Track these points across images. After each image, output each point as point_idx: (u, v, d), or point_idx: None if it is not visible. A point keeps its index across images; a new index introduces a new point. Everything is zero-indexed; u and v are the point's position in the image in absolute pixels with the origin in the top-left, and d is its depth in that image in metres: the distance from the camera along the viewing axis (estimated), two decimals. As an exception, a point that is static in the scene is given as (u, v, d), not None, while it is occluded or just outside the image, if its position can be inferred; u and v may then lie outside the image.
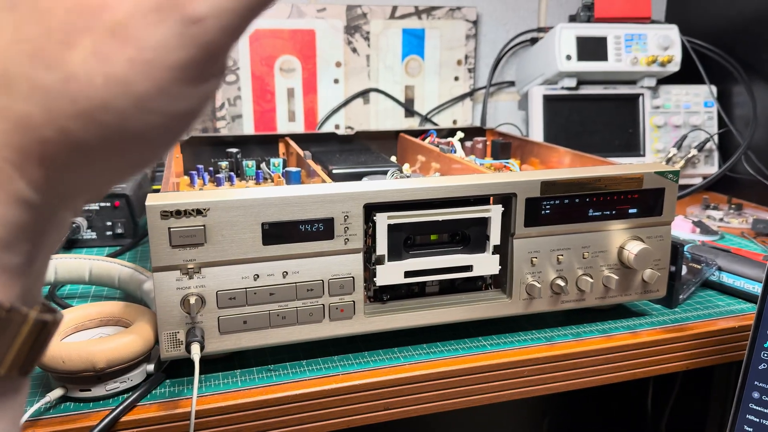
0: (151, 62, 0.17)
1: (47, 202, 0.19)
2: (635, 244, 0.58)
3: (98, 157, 0.19)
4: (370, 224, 0.53)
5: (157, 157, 0.20)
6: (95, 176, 0.20)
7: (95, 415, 0.47)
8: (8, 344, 0.19)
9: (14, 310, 0.19)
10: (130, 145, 0.19)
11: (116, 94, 0.17)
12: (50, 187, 0.19)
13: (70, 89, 0.17)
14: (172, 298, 0.48)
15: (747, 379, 0.55)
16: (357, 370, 0.53)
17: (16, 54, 0.17)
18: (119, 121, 0.18)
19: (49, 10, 0.17)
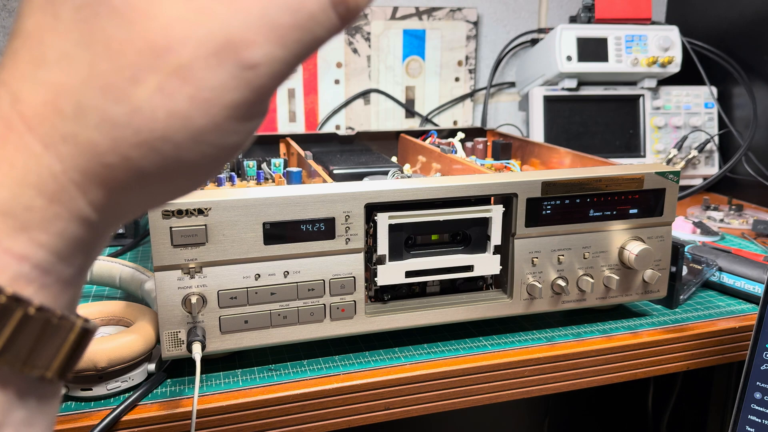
0: (209, 101, 0.19)
1: (103, 220, 0.21)
2: (636, 245, 0.58)
3: (153, 182, 0.21)
4: (371, 224, 0.53)
5: (201, 183, 0.22)
6: (147, 199, 0.22)
7: (96, 415, 0.47)
8: (57, 350, 0.21)
9: (65, 318, 0.21)
10: (182, 173, 0.21)
11: (176, 127, 0.19)
12: (107, 208, 0.21)
13: (135, 121, 0.19)
14: (173, 298, 0.49)
15: (749, 379, 0.55)
16: (358, 369, 0.53)
17: (89, 88, 0.19)
18: (176, 151, 0.20)
19: (121, 50, 0.19)
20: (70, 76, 0.19)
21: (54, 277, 0.20)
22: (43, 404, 0.22)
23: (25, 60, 0.19)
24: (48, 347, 0.21)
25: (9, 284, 0.19)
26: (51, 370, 0.21)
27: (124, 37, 0.19)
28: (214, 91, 0.19)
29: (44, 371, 0.21)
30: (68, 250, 0.20)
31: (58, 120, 0.19)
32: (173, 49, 0.19)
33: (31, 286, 0.20)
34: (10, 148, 0.19)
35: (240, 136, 0.21)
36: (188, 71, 0.19)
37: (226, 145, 0.21)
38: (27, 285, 0.20)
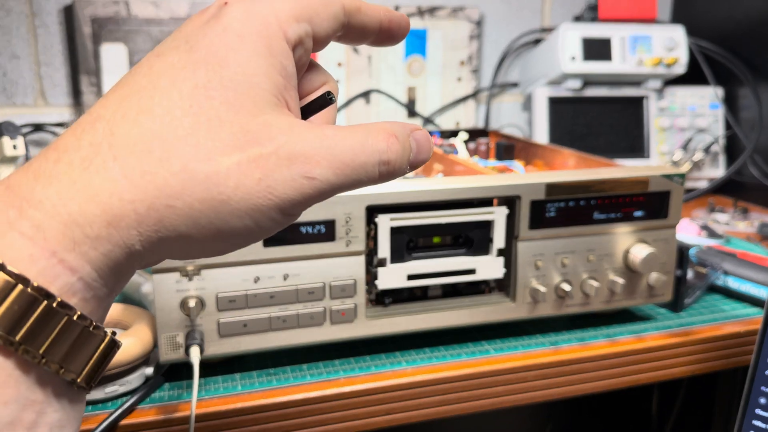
0: (270, 188, 0.23)
1: (141, 255, 0.23)
2: (641, 248, 0.57)
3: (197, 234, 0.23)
4: (372, 226, 0.52)
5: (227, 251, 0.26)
6: (184, 250, 0.24)
7: (94, 419, 0.46)
8: (89, 357, 0.23)
9: (99, 329, 0.23)
10: (221, 237, 0.24)
11: (237, 198, 0.23)
12: (151, 245, 0.23)
13: (209, 180, 0.23)
14: (171, 301, 0.48)
15: (754, 384, 0.55)
16: (358, 374, 0.53)
17: (182, 143, 0.23)
18: (229, 216, 0.23)
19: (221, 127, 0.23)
20: (168, 130, 0.23)
21: (93, 293, 0.23)
22: (74, 410, 0.24)
23: (131, 106, 0.23)
24: (82, 354, 0.23)
25: (59, 293, 0.22)
26: (82, 376, 0.23)
27: (227, 119, 0.23)
28: (276, 183, 0.23)
29: (76, 376, 0.23)
30: (108, 271, 0.23)
31: (145, 158, 0.22)
32: (262, 143, 0.23)
33: (76, 297, 0.22)
34: (92, 169, 0.22)
35: (276, 224, 0.25)
36: (265, 162, 0.23)
37: (264, 227, 0.24)
38: (72, 295, 0.22)
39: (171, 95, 0.23)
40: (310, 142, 0.24)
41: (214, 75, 0.23)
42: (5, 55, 0.94)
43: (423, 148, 0.27)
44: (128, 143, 0.22)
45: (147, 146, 0.22)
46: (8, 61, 0.94)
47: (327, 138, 0.24)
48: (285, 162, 0.23)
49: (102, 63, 0.94)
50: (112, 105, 0.23)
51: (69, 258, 0.22)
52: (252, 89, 0.24)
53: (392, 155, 0.26)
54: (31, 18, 0.94)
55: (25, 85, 0.96)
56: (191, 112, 0.23)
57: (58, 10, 0.95)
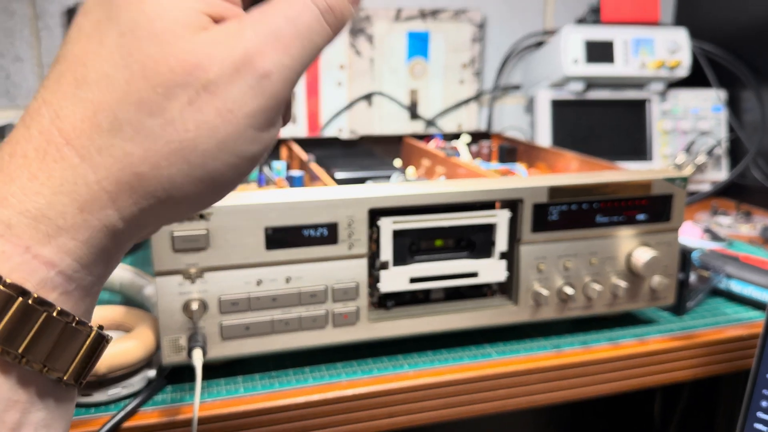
0: (232, 111, 0.22)
1: (127, 231, 0.22)
2: (643, 251, 0.57)
3: (179, 193, 0.22)
4: (374, 229, 0.52)
5: (221, 196, 0.24)
6: (171, 212, 0.23)
7: (96, 421, 0.47)
8: (74, 354, 0.22)
9: (83, 324, 0.22)
10: (206, 183, 0.22)
11: (204, 137, 0.21)
12: (134, 219, 0.22)
13: (167, 132, 0.21)
14: (174, 303, 0.48)
15: (755, 387, 0.55)
16: (361, 377, 0.53)
17: (125, 104, 0.21)
18: (203, 160, 0.22)
19: (155, 69, 0.21)
20: (108, 95, 0.21)
21: (75, 284, 0.22)
22: (61, 408, 0.23)
23: (68, 81, 0.22)
24: (66, 351, 0.22)
25: (35, 289, 0.21)
26: (68, 373, 0.22)
27: (160, 57, 0.21)
28: (236, 102, 0.22)
29: (62, 374, 0.22)
30: (92, 258, 0.22)
31: (95, 134, 0.21)
32: (202, 67, 0.21)
33: (55, 292, 0.21)
34: (49, 159, 0.21)
35: (259, 145, 0.23)
36: (215, 86, 0.21)
37: (247, 155, 0.23)
38: (51, 290, 0.21)
39: (101, 55, 0.21)
40: (247, 41, 0.22)
41: (135, 13, 0.21)
42: (8, 57, 0.94)
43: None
44: (75, 123, 0.21)
45: (94, 120, 0.21)
46: (11, 63, 0.95)
47: (259, 25, 0.22)
48: (234, 75, 0.21)
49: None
50: (52, 85, 0.22)
51: (45, 252, 0.21)
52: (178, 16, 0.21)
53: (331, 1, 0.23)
54: (34, 20, 0.94)
55: (28, 88, 0.96)
56: (123, 65, 0.21)
57: (61, 12, 0.95)
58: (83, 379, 0.23)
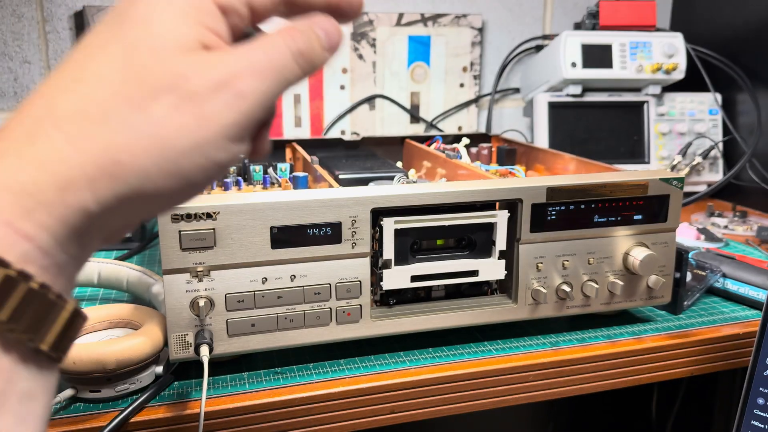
0: (209, 119, 0.25)
1: (101, 217, 0.24)
2: (640, 251, 0.58)
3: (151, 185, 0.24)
4: (377, 229, 0.54)
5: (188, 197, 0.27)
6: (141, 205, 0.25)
7: (105, 416, 0.47)
8: (52, 324, 0.23)
9: (61, 297, 0.24)
10: (176, 179, 0.25)
11: (181, 137, 0.24)
12: (107, 205, 0.24)
13: (150, 128, 0.24)
14: (181, 301, 0.49)
15: (752, 384, 0.56)
16: (363, 373, 0.54)
17: (116, 100, 0.24)
18: (177, 156, 0.24)
19: (148, 75, 0.24)
20: (101, 91, 0.24)
21: (51, 261, 0.23)
22: (43, 381, 0.24)
23: (66, 79, 0.24)
24: (46, 323, 0.23)
25: (16, 260, 0.22)
26: (48, 344, 0.23)
27: (154, 66, 0.24)
28: (214, 113, 0.25)
29: (43, 345, 0.23)
30: (66, 237, 0.23)
31: (84, 122, 0.23)
32: (188, 78, 0.25)
33: (34, 265, 0.23)
34: (37, 141, 0.23)
35: (227, 154, 0.26)
36: (197, 96, 0.24)
37: (216, 160, 0.25)
38: (30, 264, 0.23)
39: (101, 59, 0.24)
40: (230, 64, 0.25)
41: (140, 32, 0.25)
42: (17, 60, 0.96)
43: (330, 31, 0.29)
44: (67, 111, 0.23)
45: (84, 111, 0.23)
46: (19, 66, 0.96)
47: (241, 55, 0.26)
48: (214, 90, 0.25)
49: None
50: (50, 81, 0.25)
51: (24, 226, 0.22)
52: (176, 36, 0.25)
53: (301, 45, 0.27)
54: (42, 24, 0.96)
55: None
56: (119, 69, 0.24)
57: (69, 15, 0.97)
58: (62, 353, 0.24)
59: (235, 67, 0.25)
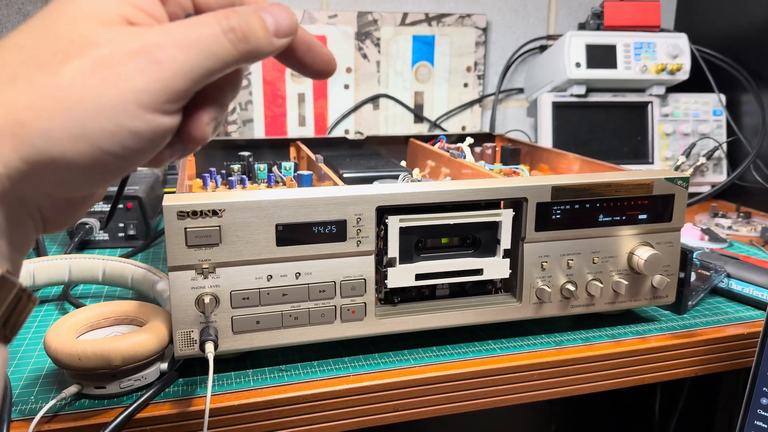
0: (118, 83, 0.24)
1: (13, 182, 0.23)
2: (645, 250, 0.58)
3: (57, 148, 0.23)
4: (382, 227, 0.54)
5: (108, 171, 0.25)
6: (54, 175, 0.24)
7: (110, 413, 0.48)
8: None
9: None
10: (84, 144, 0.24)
11: (87, 97, 0.24)
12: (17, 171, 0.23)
13: (55, 90, 0.23)
14: (186, 298, 0.49)
15: (756, 385, 0.56)
16: (367, 371, 0.54)
17: (26, 64, 0.24)
18: (82, 117, 0.23)
19: (61, 41, 0.24)
20: (14, 57, 0.24)
21: None
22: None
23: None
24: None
25: None
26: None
27: (67, 34, 0.24)
28: (123, 76, 0.24)
29: None
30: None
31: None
32: (99, 44, 0.24)
33: None
34: None
35: (143, 122, 0.25)
36: (106, 61, 0.24)
37: (129, 128, 0.24)
38: None
39: (21, 33, 0.25)
40: (151, 35, 0.25)
41: (63, 6, 0.25)
42: (21, 58, 0.96)
43: (279, 15, 0.28)
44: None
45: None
46: (24, 64, 0.96)
47: (167, 27, 0.25)
48: (128, 56, 0.24)
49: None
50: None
51: None
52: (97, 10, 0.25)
53: (234, 22, 0.26)
54: (46, 23, 0.96)
55: (40, 89, 0.98)
56: (35, 37, 0.24)
57: (73, 15, 0.97)
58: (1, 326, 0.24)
59: (156, 39, 0.25)
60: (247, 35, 0.27)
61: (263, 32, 0.27)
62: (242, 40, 0.26)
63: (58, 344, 0.48)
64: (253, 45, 0.27)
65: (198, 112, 0.28)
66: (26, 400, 0.49)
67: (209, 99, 0.28)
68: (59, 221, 0.27)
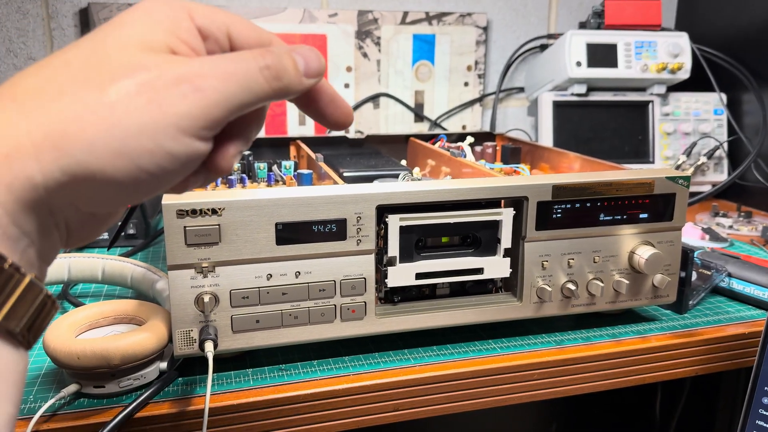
0: (161, 105, 0.25)
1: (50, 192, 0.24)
2: (646, 249, 0.58)
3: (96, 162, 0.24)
4: (382, 226, 0.53)
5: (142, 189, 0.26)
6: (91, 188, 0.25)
7: (109, 412, 0.47)
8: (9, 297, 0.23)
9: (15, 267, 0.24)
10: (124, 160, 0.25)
11: (131, 116, 0.24)
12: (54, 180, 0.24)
13: (100, 107, 0.24)
14: (186, 297, 0.49)
15: (757, 384, 0.55)
16: (367, 370, 0.54)
17: (73, 81, 0.25)
18: (124, 135, 0.24)
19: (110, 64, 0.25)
20: (62, 74, 0.25)
21: (1, 231, 0.23)
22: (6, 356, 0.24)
23: (35, 67, 0.26)
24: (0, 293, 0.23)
25: None
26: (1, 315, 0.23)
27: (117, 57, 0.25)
28: (167, 100, 0.25)
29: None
30: (13, 206, 0.24)
31: (40, 97, 0.24)
32: (147, 68, 0.25)
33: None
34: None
35: (179, 146, 0.26)
36: (152, 84, 0.25)
37: (168, 149, 0.25)
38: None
39: (70, 50, 0.26)
40: (195, 65, 0.26)
41: (111, 31, 0.26)
42: (21, 56, 0.96)
43: (310, 57, 0.30)
44: (27, 89, 0.25)
45: (43, 88, 0.24)
46: (24, 62, 0.96)
47: (210, 59, 0.27)
48: (172, 82, 0.25)
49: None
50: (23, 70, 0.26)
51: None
52: (146, 37, 0.26)
53: (269, 60, 0.28)
54: (47, 20, 0.96)
55: (40, 87, 0.97)
56: (84, 56, 0.25)
57: (74, 12, 0.97)
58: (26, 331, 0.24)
59: (199, 68, 0.26)
60: (280, 73, 0.28)
61: (295, 72, 0.29)
62: (276, 77, 0.28)
63: (57, 343, 0.47)
64: (285, 83, 0.29)
65: (225, 144, 0.29)
66: (25, 399, 0.49)
67: (236, 132, 0.30)
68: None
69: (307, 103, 0.33)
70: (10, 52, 0.95)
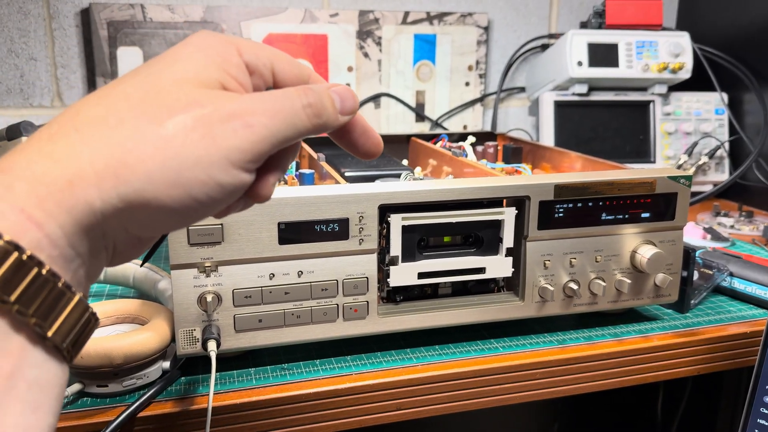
0: (215, 139, 0.27)
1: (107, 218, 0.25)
2: (648, 249, 0.58)
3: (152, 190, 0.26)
4: (384, 225, 0.53)
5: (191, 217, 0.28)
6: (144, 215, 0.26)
7: (112, 411, 0.48)
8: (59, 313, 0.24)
9: (68, 287, 0.25)
10: (178, 190, 0.26)
11: (187, 149, 0.26)
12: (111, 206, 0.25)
13: (158, 139, 0.26)
14: (189, 296, 0.49)
15: (758, 383, 0.56)
16: (370, 370, 0.54)
17: (133, 113, 0.26)
18: (179, 166, 0.26)
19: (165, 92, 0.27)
20: (122, 104, 0.26)
21: (58, 252, 0.24)
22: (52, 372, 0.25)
23: (95, 96, 0.27)
24: (54, 310, 0.24)
25: (28, 246, 0.23)
26: (53, 331, 0.24)
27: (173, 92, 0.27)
28: (220, 135, 0.27)
29: (48, 330, 0.24)
30: (72, 230, 0.25)
31: (102, 126, 0.26)
32: (202, 104, 0.27)
33: (43, 253, 0.24)
34: (57, 139, 0.25)
35: (228, 177, 0.27)
36: (206, 119, 0.27)
37: (217, 179, 0.27)
38: (40, 251, 0.24)
39: (128, 82, 0.28)
40: (245, 102, 0.28)
41: (165, 67, 0.28)
42: (23, 57, 0.96)
43: (345, 96, 0.32)
44: (88, 119, 0.26)
45: (104, 118, 0.26)
46: (26, 62, 0.96)
47: (258, 96, 0.29)
48: (225, 118, 0.27)
49: (118, 66, 0.96)
50: (84, 98, 0.28)
51: (36, 214, 0.23)
52: (200, 74, 0.28)
53: (311, 99, 0.30)
54: (48, 21, 0.96)
55: (42, 87, 0.98)
56: (143, 89, 0.27)
57: (75, 13, 0.97)
58: (68, 345, 0.25)
59: (249, 105, 0.28)
60: (320, 111, 0.30)
61: (332, 109, 0.31)
62: (317, 115, 0.30)
63: (60, 343, 0.48)
64: (324, 120, 0.31)
65: (266, 174, 0.31)
66: (28, 399, 0.49)
67: (275, 163, 0.31)
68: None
69: (341, 135, 0.34)
70: (12, 52, 0.95)
